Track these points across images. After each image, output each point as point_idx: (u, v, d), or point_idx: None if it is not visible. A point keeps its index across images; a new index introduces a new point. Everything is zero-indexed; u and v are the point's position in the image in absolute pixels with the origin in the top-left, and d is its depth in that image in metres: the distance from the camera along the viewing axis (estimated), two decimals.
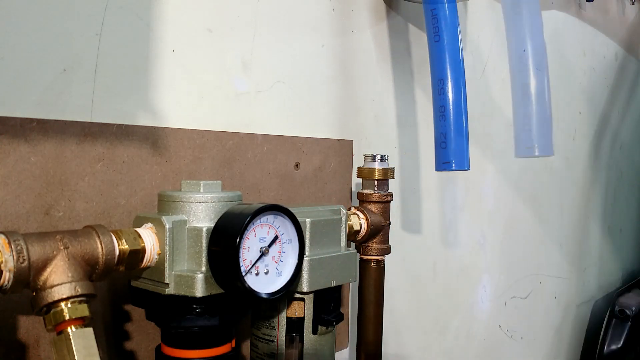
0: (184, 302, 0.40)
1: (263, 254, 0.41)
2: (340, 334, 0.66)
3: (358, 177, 0.56)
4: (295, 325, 0.46)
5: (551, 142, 0.47)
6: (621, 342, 1.29)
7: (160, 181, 0.48)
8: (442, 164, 0.50)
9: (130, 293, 0.42)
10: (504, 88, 0.94)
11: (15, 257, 0.32)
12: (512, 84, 0.48)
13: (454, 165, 0.49)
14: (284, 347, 0.46)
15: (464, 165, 0.49)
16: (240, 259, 0.39)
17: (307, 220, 0.46)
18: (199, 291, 0.39)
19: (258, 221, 0.41)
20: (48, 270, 0.34)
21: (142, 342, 0.48)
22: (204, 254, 0.40)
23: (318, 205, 0.51)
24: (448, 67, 0.50)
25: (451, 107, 0.50)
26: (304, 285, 0.45)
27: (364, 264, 0.57)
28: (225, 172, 0.53)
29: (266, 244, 0.41)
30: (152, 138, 0.48)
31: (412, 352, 0.81)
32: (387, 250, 0.57)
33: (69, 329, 0.34)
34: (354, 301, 0.65)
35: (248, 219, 0.39)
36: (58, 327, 0.34)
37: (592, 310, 1.41)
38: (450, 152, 0.49)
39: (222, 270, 0.40)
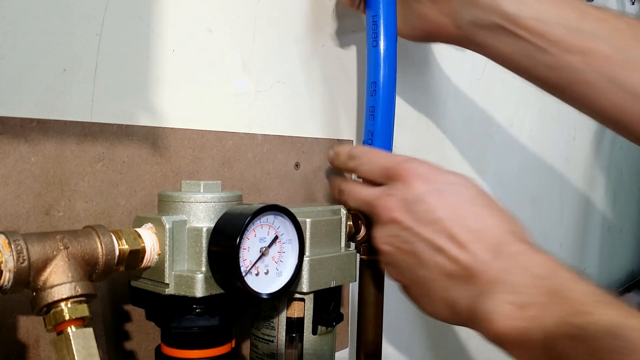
0: (184, 302, 0.40)
1: (263, 254, 0.41)
2: (340, 334, 0.66)
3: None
4: (295, 326, 0.46)
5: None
6: None
7: (160, 181, 0.48)
8: None
9: (130, 293, 0.42)
10: (504, 88, 0.94)
11: (15, 257, 0.32)
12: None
13: None
14: (283, 347, 0.46)
15: None
16: (240, 259, 0.39)
17: (307, 220, 0.46)
18: (199, 291, 0.39)
19: (258, 221, 0.41)
20: (48, 270, 0.34)
21: (142, 342, 0.48)
22: (204, 254, 0.40)
23: (318, 205, 0.51)
24: (382, 72, 0.55)
25: (380, 108, 0.55)
26: (304, 286, 0.45)
27: (364, 264, 0.57)
28: (225, 172, 0.53)
29: (266, 244, 0.41)
30: (152, 138, 0.48)
31: (413, 352, 0.81)
32: None
33: (68, 329, 0.34)
34: (354, 301, 0.65)
35: (248, 219, 0.39)
36: (58, 327, 0.34)
37: None
38: None
39: (222, 270, 0.40)
